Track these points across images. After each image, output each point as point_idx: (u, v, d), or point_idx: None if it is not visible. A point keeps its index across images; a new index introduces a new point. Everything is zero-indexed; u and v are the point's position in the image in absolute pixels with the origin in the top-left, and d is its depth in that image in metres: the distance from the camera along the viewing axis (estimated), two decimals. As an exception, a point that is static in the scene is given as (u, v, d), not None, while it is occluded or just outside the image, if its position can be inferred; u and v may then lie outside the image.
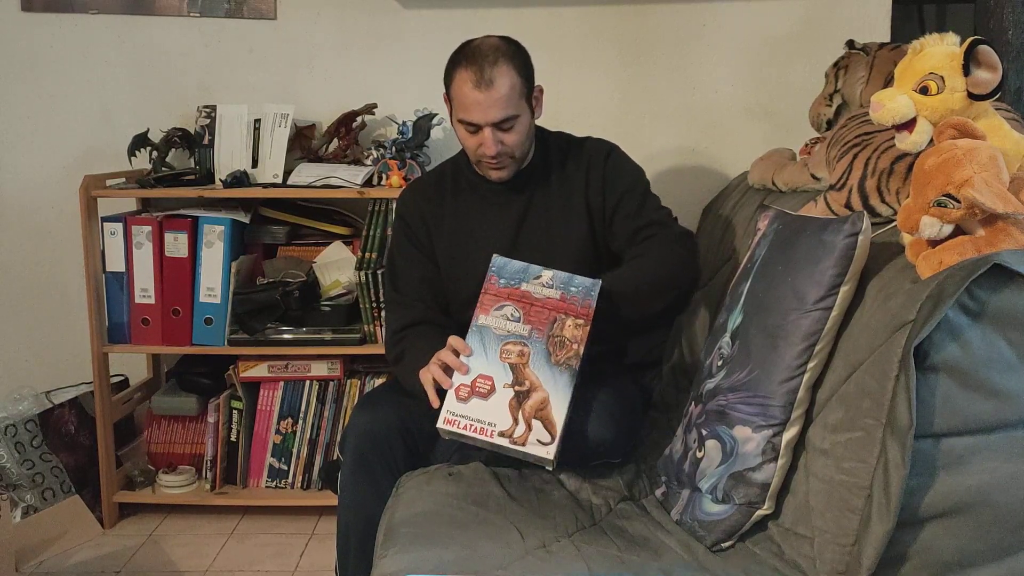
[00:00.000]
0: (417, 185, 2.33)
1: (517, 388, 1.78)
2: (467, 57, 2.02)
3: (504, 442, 1.75)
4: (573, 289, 1.85)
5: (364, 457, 1.99)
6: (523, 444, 1.74)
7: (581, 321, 1.82)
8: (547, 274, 1.88)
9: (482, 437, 1.77)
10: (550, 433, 1.74)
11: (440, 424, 1.79)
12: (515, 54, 2.05)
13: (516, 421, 1.76)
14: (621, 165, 2.20)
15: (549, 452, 1.73)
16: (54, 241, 3.04)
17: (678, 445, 1.80)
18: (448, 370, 1.84)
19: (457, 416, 1.78)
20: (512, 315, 1.84)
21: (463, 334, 1.88)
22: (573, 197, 2.16)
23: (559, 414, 1.75)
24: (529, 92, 2.08)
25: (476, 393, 1.79)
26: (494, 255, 1.93)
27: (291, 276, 2.76)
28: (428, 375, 1.88)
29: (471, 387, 1.80)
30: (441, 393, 1.83)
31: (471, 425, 1.77)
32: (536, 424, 1.75)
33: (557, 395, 1.76)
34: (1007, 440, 1.34)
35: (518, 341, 1.81)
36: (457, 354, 1.85)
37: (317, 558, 2.56)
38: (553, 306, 1.83)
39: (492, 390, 1.79)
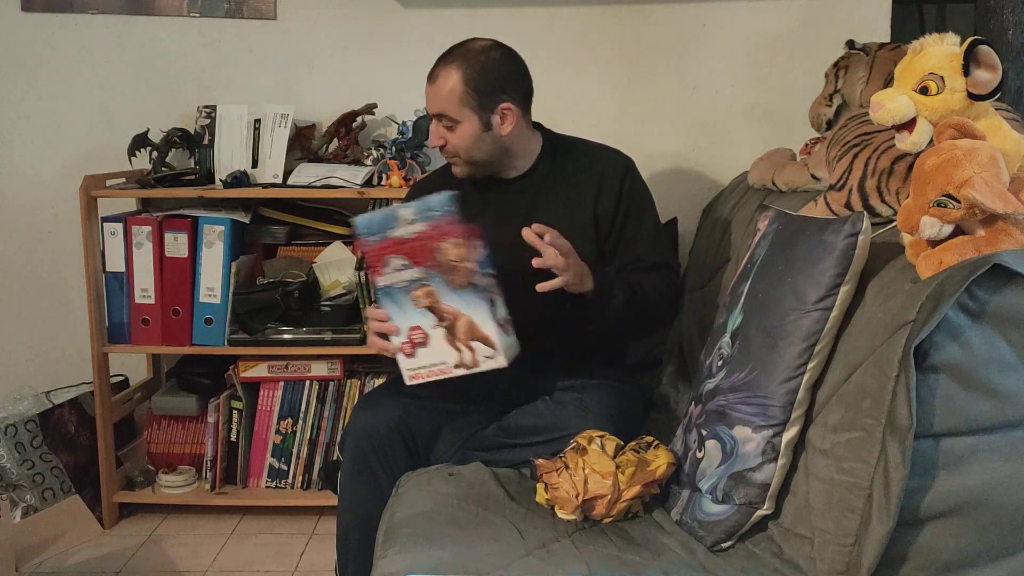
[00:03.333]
0: (424, 183, 2.35)
1: (443, 324, 1.86)
2: (443, 53, 2.09)
3: (462, 371, 1.88)
4: (433, 213, 1.86)
5: (364, 457, 1.99)
6: (476, 365, 1.87)
7: (457, 239, 1.84)
8: (405, 211, 1.88)
9: (444, 376, 1.89)
10: (489, 346, 1.85)
11: (408, 383, 1.92)
12: (479, 64, 2.05)
13: (460, 350, 1.87)
14: (636, 185, 2.20)
15: (498, 360, 1.86)
16: (54, 241, 3.04)
17: (678, 445, 1.80)
18: (386, 336, 1.93)
19: (417, 370, 1.91)
20: (400, 265, 1.88)
21: None
22: (582, 204, 2.16)
23: (487, 326, 1.85)
24: (481, 104, 2.06)
25: (416, 344, 1.90)
26: (354, 217, 1.94)
27: (291, 276, 2.76)
28: (374, 349, 1.98)
29: (410, 342, 1.90)
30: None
31: (431, 371, 1.90)
32: (476, 344, 1.86)
33: (476, 313, 1.85)
34: (1007, 440, 1.33)
35: (419, 285, 1.87)
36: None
37: (317, 558, 2.57)
38: (427, 237, 1.85)
39: (426, 335, 1.88)
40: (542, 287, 1.93)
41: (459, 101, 2.05)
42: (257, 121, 2.82)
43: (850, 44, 2.28)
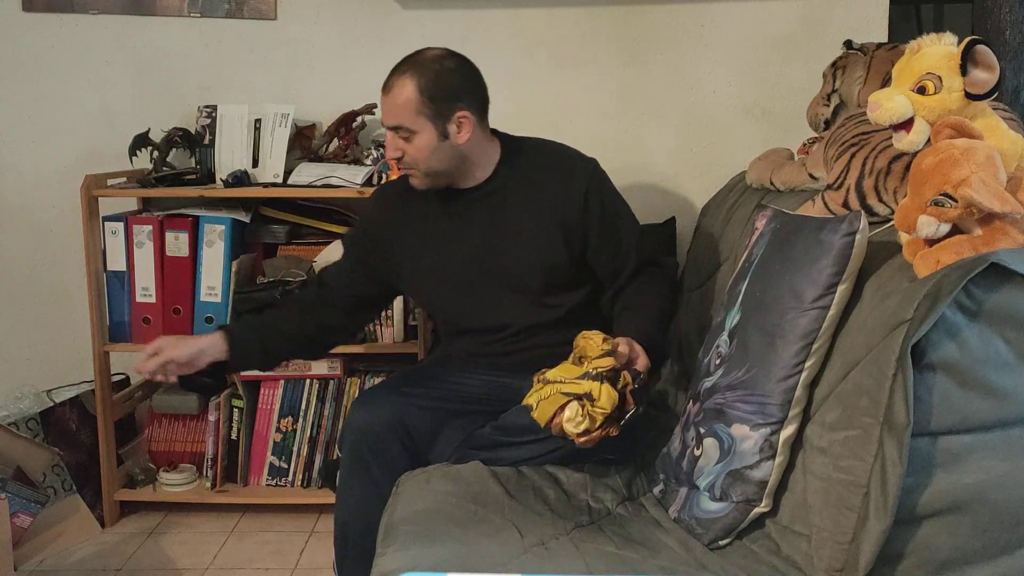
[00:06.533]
0: (385, 191, 2.34)
1: None
2: (398, 63, 2.08)
3: None
4: None
5: (361, 455, 2.00)
6: None
7: None
8: None
9: None
10: None
11: None
12: (433, 72, 2.04)
13: None
14: (602, 189, 2.18)
15: None
16: (55, 240, 3.05)
17: (676, 443, 1.81)
18: None
19: None
20: None
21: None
22: (546, 211, 2.13)
23: None
24: (437, 113, 2.04)
25: None
26: None
27: (291, 275, 2.76)
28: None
29: None
30: None
31: None
32: None
33: None
34: (1004, 439, 1.34)
35: None
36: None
37: (317, 556, 2.57)
38: None
39: None
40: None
41: (415, 111, 2.03)
42: (257, 121, 2.83)
43: (848, 44, 2.28)
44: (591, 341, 1.81)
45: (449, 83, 2.05)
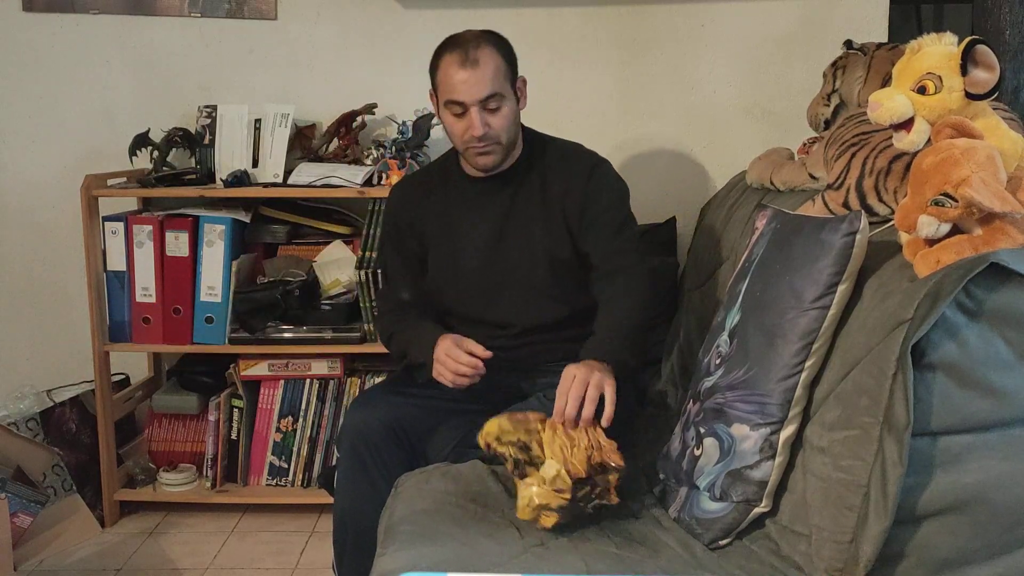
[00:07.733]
0: (404, 185, 2.34)
1: None
2: (452, 43, 2.09)
3: None
4: None
5: (359, 455, 2.01)
6: None
7: None
8: None
9: None
10: None
11: None
12: (498, 41, 2.10)
13: None
14: (603, 183, 2.17)
15: None
16: (55, 240, 3.05)
17: (676, 443, 1.80)
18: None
19: None
20: None
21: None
22: (552, 205, 2.15)
23: None
24: (514, 78, 2.11)
25: None
26: None
27: (291, 275, 2.77)
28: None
29: None
30: None
31: None
32: None
33: None
34: (1004, 438, 1.34)
35: None
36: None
37: (317, 556, 2.57)
38: None
39: None
40: (608, 419, 1.83)
41: (503, 77, 2.07)
42: (257, 121, 2.83)
43: (848, 44, 2.28)
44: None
45: (511, 49, 2.13)
